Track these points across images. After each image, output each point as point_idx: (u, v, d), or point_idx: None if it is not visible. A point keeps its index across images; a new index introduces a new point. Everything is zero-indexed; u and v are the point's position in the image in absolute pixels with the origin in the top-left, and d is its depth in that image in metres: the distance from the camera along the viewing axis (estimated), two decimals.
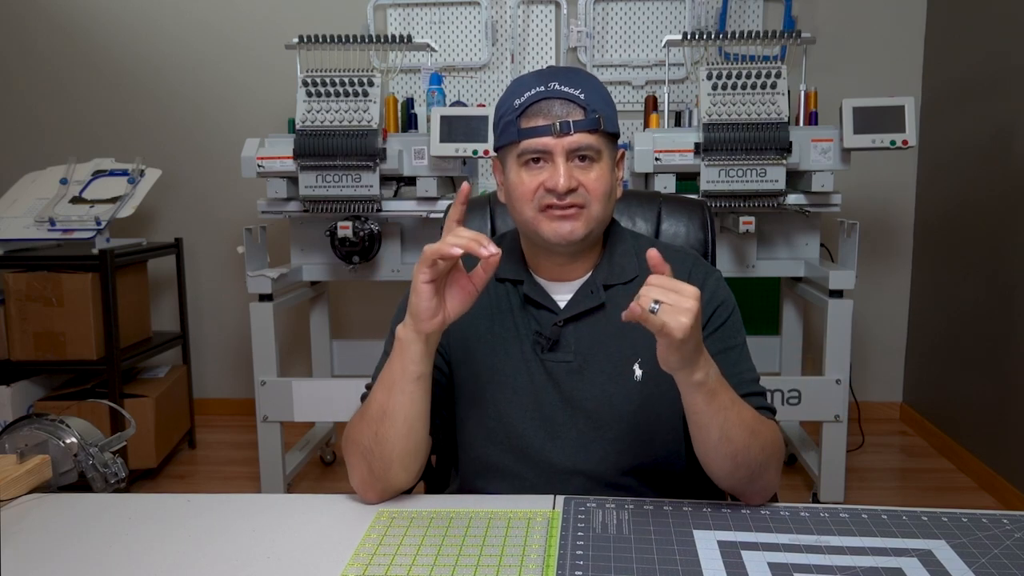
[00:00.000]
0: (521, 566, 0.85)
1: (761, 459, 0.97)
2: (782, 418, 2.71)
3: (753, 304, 3.35)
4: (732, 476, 0.99)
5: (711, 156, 2.44)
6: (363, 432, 1.01)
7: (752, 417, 0.98)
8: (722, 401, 0.94)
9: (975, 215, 2.89)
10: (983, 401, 2.81)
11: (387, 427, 1.00)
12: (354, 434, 1.03)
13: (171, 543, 0.92)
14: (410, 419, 1.00)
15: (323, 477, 3.02)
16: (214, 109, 3.49)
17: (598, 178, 1.03)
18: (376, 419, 1.00)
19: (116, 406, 1.48)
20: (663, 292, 0.86)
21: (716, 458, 0.98)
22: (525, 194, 1.04)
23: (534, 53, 3.35)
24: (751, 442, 0.96)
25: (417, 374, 0.99)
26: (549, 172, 1.02)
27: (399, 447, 1.00)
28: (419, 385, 1.00)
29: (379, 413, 1.00)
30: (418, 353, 0.98)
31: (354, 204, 2.57)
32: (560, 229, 1.03)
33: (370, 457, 1.01)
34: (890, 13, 3.31)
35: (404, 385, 0.99)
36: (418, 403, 1.00)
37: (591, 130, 1.02)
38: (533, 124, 1.02)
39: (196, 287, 3.53)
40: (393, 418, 1.00)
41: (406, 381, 0.99)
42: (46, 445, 1.10)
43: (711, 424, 0.95)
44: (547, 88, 1.02)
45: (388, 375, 1.00)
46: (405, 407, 1.00)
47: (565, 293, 1.11)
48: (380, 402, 1.00)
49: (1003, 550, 0.88)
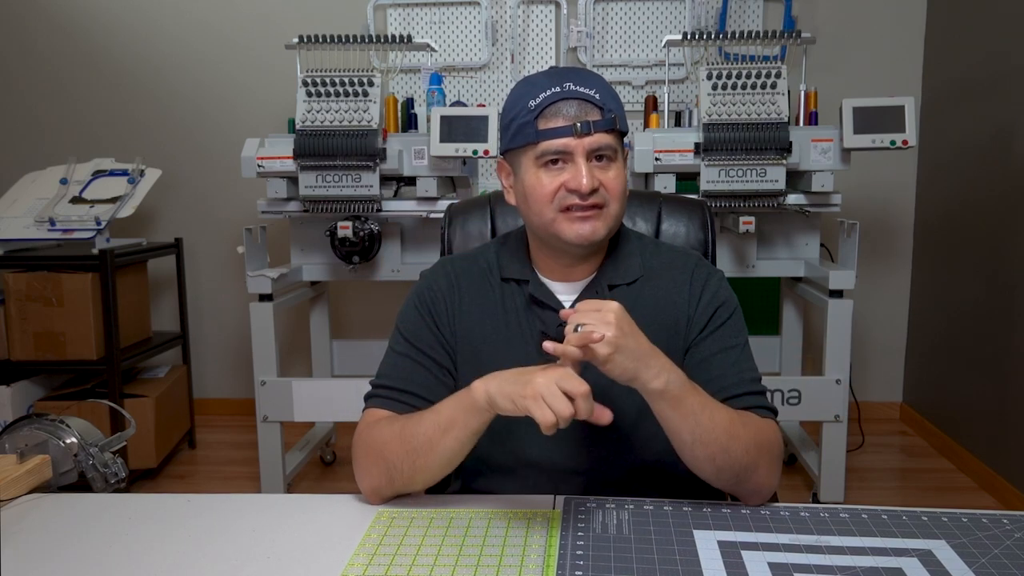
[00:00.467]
0: (521, 566, 0.85)
1: (745, 461, 0.97)
2: (782, 418, 2.70)
3: (753, 304, 3.35)
4: (717, 478, 0.99)
5: (711, 156, 2.44)
6: (397, 452, 1.00)
7: (729, 420, 0.98)
8: (689, 407, 0.95)
9: (975, 215, 2.89)
10: (983, 401, 2.81)
11: (430, 461, 0.99)
12: (383, 448, 1.02)
13: (171, 543, 0.92)
14: (454, 461, 1.00)
15: (323, 477, 3.02)
16: (214, 109, 3.49)
17: (616, 177, 1.04)
18: (420, 451, 0.99)
19: (116, 406, 1.48)
20: (584, 315, 0.92)
21: (695, 461, 0.98)
22: (545, 196, 1.03)
23: (534, 53, 3.35)
24: (729, 445, 0.96)
25: (479, 431, 0.98)
26: (571, 173, 1.02)
27: (433, 476, 1.02)
28: (474, 438, 0.99)
29: (426, 447, 0.99)
30: (487, 415, 0.96)
31: (354, 204, 2.57)
32: (581, 230, 1.03)
33: (395, 474, 1.01)
34: (890, 13, 3.30)
35: (459, 434, 0.98)
36: (465, 448, 1.00)
37: (608, 130, 1.02)
38: (552, 125, 1.02)
39: (196, 287, 3.53)
40: (439, 456, 0.99)
41: (465, 433, 0.97)
42: (46, 445, 1.10)
43: (681, 430, 0.96)
44: (563, 89, 1.02)
45: (448, 417, 0.98)
46: (453, 452, 0.99)
47: (570, 293, 1.11)
48: (430, 437, 0.98)
49: (1003, 550, 0.88)
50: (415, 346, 1.10)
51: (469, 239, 1.39)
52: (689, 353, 1.08)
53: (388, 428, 1.03)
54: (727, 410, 0.99)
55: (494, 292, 1.13)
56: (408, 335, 1.11)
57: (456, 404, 0.98)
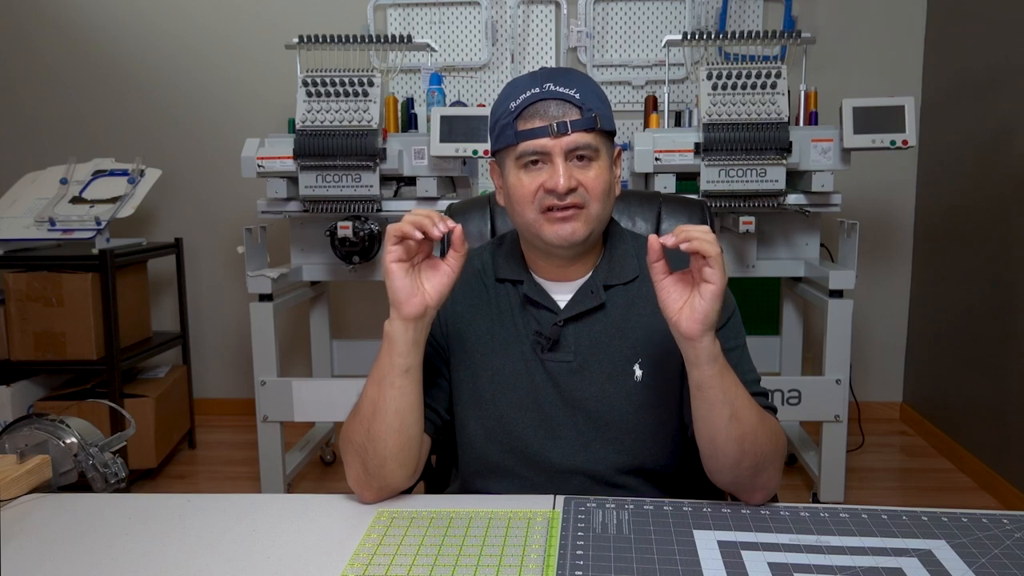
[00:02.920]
0: (521, 566, 0.85)
1: (767, 450, 0.97)
2: (782, 418, 2.70)
3: (753, 304, 3.35)
4: (737, 465, 0.97)
5: (711, 156, 2.44)
6: (356, 430, 1.02)
7: (758, 408, 0.99)
8: (733, 378, 0.95)
9: (975, 215, 2.89)
10: (983, 401, 2.81)
11: (379, 423, 1.00)
12: (348, 432, 1.04)
13: (171, 543, 0.92)
14: (402, 413, 1.00)
15: (323, 477, 3.02)
16: (214, 109, 3.49)
17: (596, 177, 1.03)
18: (368, 416, 1.01)
19: (116, 406, 1.48)
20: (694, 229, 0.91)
21: (724, 442, 0.96)
22: (525, 196, 1.04)
23: (534, 53, 3.35)
24: (759, 427, 0.96)
25: (405, 367, 0.99)
26: (548, 173, 1.02)
27: (392, 443, 1.00)
28: (408, 378, 1.00)
29: (370, 409, 1.00)
30: (405, 344, 0.99)
31: (354, 204, 2.57)
32: (561, 231, 1.03)
33: (364, 455, 1.01)
34: (890, 13, 3.30)
35: (393, 379, 0.99)
36: (409, 396, 1.00)
37: (588, 129, 1.02)
38: (530, 126, 1.02)
39: (196, 287, 3.53)
40: (384, 413, 1.00)
41: (395, 375, 0.99)
42: (46, 445, 1.10)
43: (723, 401, 0.94)
44: (542, 89, 1.03)
45: (377, 371, 1.01)
46: (396, 401, 1.00)
47: (565, 293, 1.11)
48: (371, 398, 1.01)
49: (1003, 550, 0.88)
50: None
51: (469, 239, 1.38)
52: None
53: (350, 415, 1.05)
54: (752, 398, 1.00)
55: (488, 293, 1.14)
56: None
57: (379, 354, 1.01)
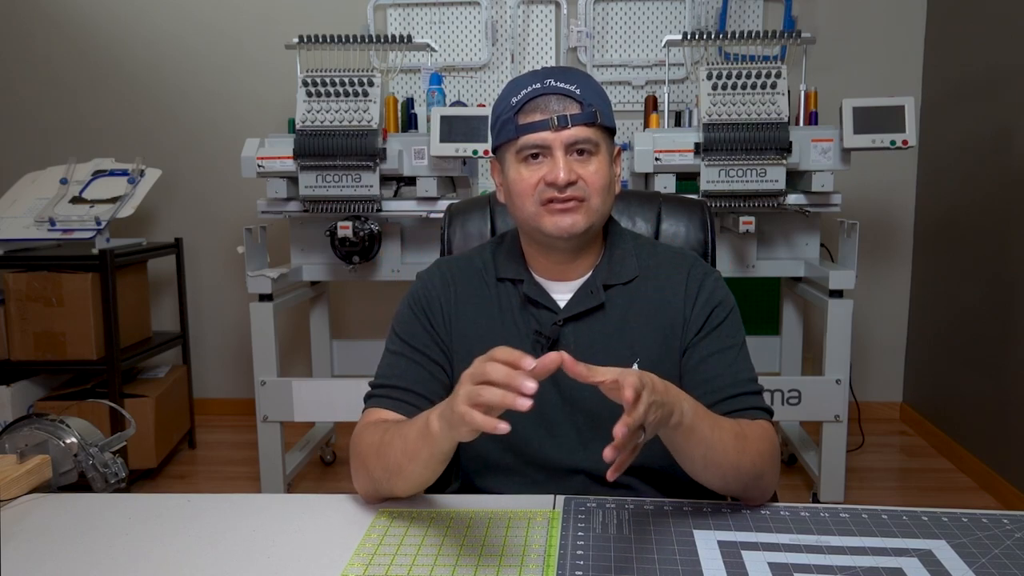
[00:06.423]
0: (521, 566, 0.85)
1: (753, 472, 0.97)
2: (782, 418, 2.72)
3: (753, 304, 3.35)
4: (725, 489, 1.00)
5: (711, 156, 2.44)
6: (374, 465, 0.99)
7: (734, 436, 0.96)
8: (701, 434, 0.92)
9: (975, 215, 2.89)
10: (983, 401, 2.81)
11: (404, 481, 0.99)
12: (362, 453, 1.02)
13: (171, 543, 0.92)
14: (430, 479, 1.00)
15: (323, 477, 3.02)
16: (214, 109, 3.49)
17: (596, 171, 1.04)
18: (393, 471, 0.98)
19: (116, 406, 1.48)
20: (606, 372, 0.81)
21: (705, 478, 0.97)
22: (526, 190, 1.04)
23: (534, 53, 3.35)
24: (739, 460, 0.96)
25: (443, 459, 0.96)
26: (549, 166, 1.03)
27: (412, 490, 1.02)
28: (443, 463, 0.97)
29: (396, 468, 0.98)
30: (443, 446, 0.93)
31: (354, 204, 2.57)
32: (561, 222, 1.04)
33: (377, 485, 1.01)
34: (890, 13, 3.30)
35: (429, 462, 0.96)
36: (438, 471, 0.99)
37: (588, 123, 1.03)
38: (531, 120, 1.03)
39: (196, 287, 3.53)
40: (411, 477, 0.98)
41: (431, 458, 0.95)
42: (46, 445, 1.10)
43: (693, 456, 0.94)
44: (543, 85, 1.04)
45: (414, 446, 0.95)
46: (425, 475, 0.98)
47: (565, 293, 1.11)
48: (399, 463, 0.97)
49: (1003, 550, 0.88)
50: (410, 344, 1.10)
51: (469, 239, 1.39)
52: (686, 354, 1.08)
53: (370, 438, 1.01)
54: (731, 424, 0.98)
55: (489, 292, 1.14)
56: (403, 334, 1.12)
57: (418, 434, 0.94)
